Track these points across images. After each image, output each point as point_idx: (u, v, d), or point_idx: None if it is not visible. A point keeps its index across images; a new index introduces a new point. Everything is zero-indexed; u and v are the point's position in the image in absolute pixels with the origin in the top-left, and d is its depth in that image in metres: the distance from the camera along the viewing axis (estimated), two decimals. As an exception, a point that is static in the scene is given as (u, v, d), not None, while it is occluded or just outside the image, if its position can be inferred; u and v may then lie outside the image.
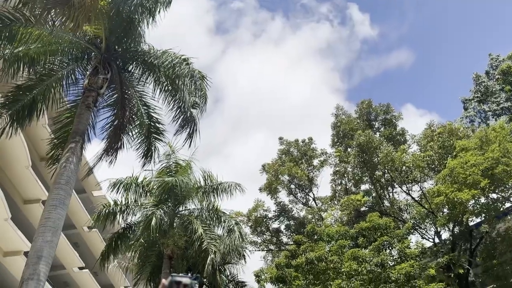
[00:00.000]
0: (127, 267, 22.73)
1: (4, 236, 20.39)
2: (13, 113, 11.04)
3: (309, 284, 15.60)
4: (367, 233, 16.65)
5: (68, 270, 26.88)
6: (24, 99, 11.06)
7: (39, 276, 7.93)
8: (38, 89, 11.20)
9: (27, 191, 22.28)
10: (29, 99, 11.14)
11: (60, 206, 8.97)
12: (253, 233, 24.90)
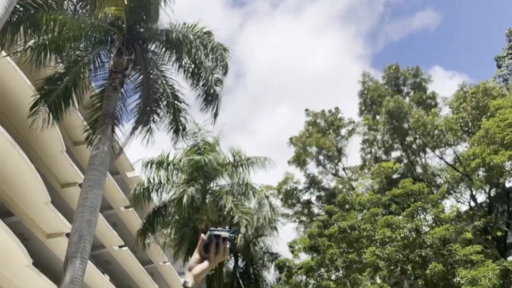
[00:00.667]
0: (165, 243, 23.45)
1: (46, 219, 21.35)
2: (50, 104, 11.34)
3: (343, 252, 15.69)
4: (400, 199, 16.48)
5: (108, 249, 27.94)
6: (57, 88, 11.31)
7: (82, 253, 8.27)
8: (68, 77, 11.42)
9: (64, 175, 23.10)
10: (62, 88, 11.38)
11: (96, 186, 9.26)
12: (284, 205, 25.10)
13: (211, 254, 1.46)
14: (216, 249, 1.47)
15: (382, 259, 14.74)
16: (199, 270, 1.45)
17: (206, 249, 1.48)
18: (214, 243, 1.47)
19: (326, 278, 16.56)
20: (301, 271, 16.58)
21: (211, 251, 1.46)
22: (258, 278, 24.08)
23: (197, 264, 1.45)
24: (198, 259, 1.47)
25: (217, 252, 1.48)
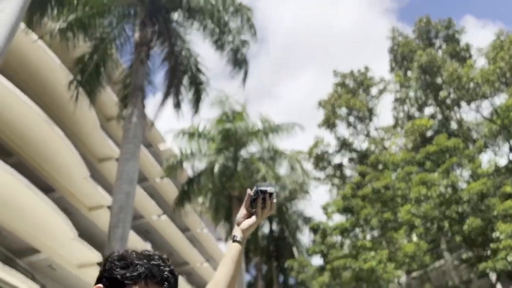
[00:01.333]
0: (201, 211, 24.11)
1: (87, 193, 22.23)
2: (83, 83, 11.57)
3: (377, 212, 15.67)
4: (435, 157, 16.15)
5: (147, 218, 28.96)
6: (88, 67, 11.50)
7: (124, 223, 8.62)
8: (96, 55, 11.56)
9: (100, 150, 23.81)
10: (92, 66, 11.56)
11: (131, 159, 9.51)
12: (316, 169, 25.09)
13: (258, 209, 1.49)
14: (263, 204, 1.50)
15: (418, 217, 14.64)
16: (247, 224, 1.49)
17: (252, 204, 1.51)
18: (260, 198, 1.49)
19: (361, 238, 16.67)
20: (335, 232, 16.72)
21: (258, 206, 1.49)
22: (292, 241, 24.56)
23: (244, 219, 1.49)
24: (245, 214, 1.50)
25: (264, 207, 1.50)
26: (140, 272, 1.16)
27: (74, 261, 22.16)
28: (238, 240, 1.48)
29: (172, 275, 1.23)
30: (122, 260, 1.19)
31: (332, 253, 15.96)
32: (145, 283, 1.15)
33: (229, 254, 1.46)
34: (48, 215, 19.34)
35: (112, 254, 1.23)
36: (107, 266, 1.21)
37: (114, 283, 1.16)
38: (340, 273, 15.86)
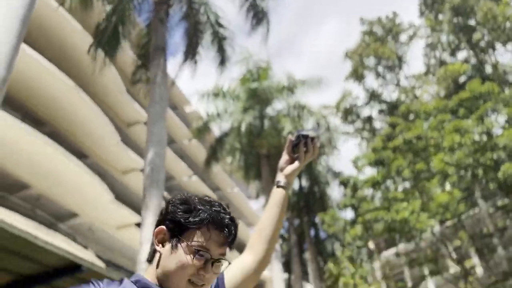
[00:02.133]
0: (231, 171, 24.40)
1: (118, 158, 22.78)
2: (104, 46, 11.51)
3: (409, 163, 15.40)
4: (469, 103, 15.54)
5: (178, 180, 29.62)
6: (108, 30, 11.40)
7: (158, 183, 8.77)
8: (115, 16, 11.42)
9: (127, 115, 24.15)
10: (111, 28, 11.45)
11: (159, 120, 9.55)
12: (344, 123, 24.73)
13: (300, 154, 1.48)
14: (306, 148, 1.48)
15: (451, 166, 14.32)
16: (290, 170, 1.48)
17: (294, 149, 1.50)
18: (302, 143, 1.48)
19: (393, 190, 16.55)
20: (366, 185, 16.63)
21: (301, 150, 1.48)
22: (322, 196, 24.68)
23: (287, 165, 1.48)
24: (288, 160, 1.50)
25: (306, 151, 1.49)
26: (203, 217, 1.18)
27: (112, 223, 23.08)
28: (282, 186, 1.49)
29: (232, 222, 1.24)
30: (184, 204, 1.22)
31: (363, 206, 15.96)
32: (207, 229, 1.18)
33: (273, 200, 1.47)
34: (84, 180, 20.01)
35: (174, 197, 1.26)
36: (170, 209, 1.23)
37: (177, 225, 1.20)
38: (371, 225, 15.91)
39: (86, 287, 1.07)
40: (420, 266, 19.04)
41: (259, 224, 1.46)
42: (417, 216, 13.65)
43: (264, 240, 1.41)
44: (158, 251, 1.22)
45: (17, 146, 16.11)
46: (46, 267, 9.20)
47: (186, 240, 1.18)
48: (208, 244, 1.18)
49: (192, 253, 1.16)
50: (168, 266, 1.18)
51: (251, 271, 1.37)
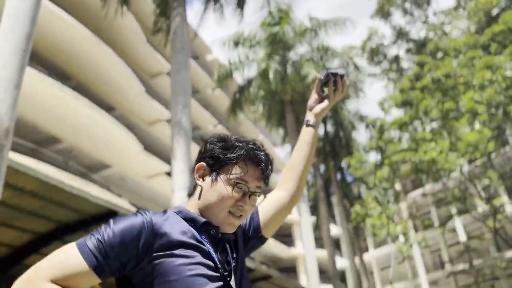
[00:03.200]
0: (255, 119, 24.46)
1: (144, 109, 23.11)
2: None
3: (438, 103, 15.03)
4: (501, 37, 14.76)
5: (203, 129, 29.99)
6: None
7: (185, 132, 8.91)
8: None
9: (150, 65, 24.17)
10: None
11: (182, 69, 9.53)
12: (370, 64, 24.02)
13: (330, 92, 1.48)
14: (335, 86, 1.48)
15: (481, 104, 13.90)
16: (319, 109, 1.50)
17: (323, 88, 1.50)
18: (331, 81, 1.47)
19: (421, 131, 16.28)
20: (393, 127, 16.39)
21: (330, 89, 1.48)
22: (348, 140, 24.57)
23: (316, 104, 1.49)
24: (317, 99, 1.51)
25: (336, 90, 1.49)
26: (240, 153, 1.25)
27: (143, 173, 23.83)
28: (312, 124, 1.51)
29: (268, 158, 1.29)
30: (222, 141, 1.28)
31: (390, 148, 15.84)
32: (245, 164, 1.25)
33: (303, 138, 1.49)
34: (112, 132, 20.50)
35: (211, 136, 1.31)
36: (208, 147, 1.29)
37: (216, 161, 1.26)
38: (398, 167, 15.87)
39: (134, 217, 1.14)
40: (448, 206, 19.11)
41: (290, 162, 1.50)
42: (445, 156, 13.49)
43: (295, 177, 1.46)
44: (199, 185, 1.29)
45: (45, 101, 16.52)
46: (84, 215, 9.69)
47: (225, 174, 1.24)
48: (245, 177, 1.24)
49: (231, 185, 1.23)
50: (209, 198, 1.25)
51: (283, 206, 1.44)
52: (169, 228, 1.15)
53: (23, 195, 8.53)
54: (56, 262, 1.04)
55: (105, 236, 1.07)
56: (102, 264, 1.05)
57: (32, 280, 1.02)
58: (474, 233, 29.25)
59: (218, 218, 1.23)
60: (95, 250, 1.05)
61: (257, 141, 1.33)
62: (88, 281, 1.06)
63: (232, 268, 1.21)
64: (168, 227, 1.15)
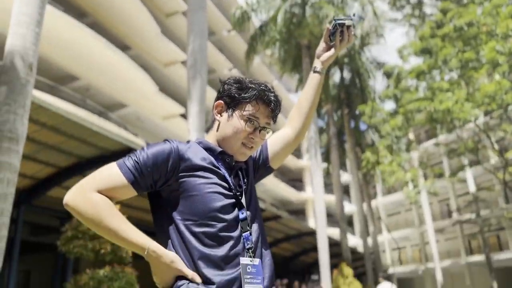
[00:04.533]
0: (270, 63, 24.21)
1: (160, 49, 23.02)
2: None
3: (458, 52, 14.66)
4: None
5: (219, 73, 29.86)
6: None
7: (201, 74, 9.01)
8: None
9: (166, 4, 23.73)
10: None
11: (199, 9, 9.44)
12: (392, 8, 23.17)
13: (336, 42, 1.58)
14: (341, 36, 1.57)
15: (503, 54, 13.54)
16: (326, 56, 1.60)
17: (331, 38, 1.58)
18: (339, 31, 1.56)
19: (439, 80, 16.03)
20: (411, 75, 16.14)
21: (337, 38, 1.57)
22: (364, 88, 24.30)
23: (324, 52, 1.60)
24: (325, 48, 1.61)
25: (342, 40, 1.59)
26: (253, 94, 1.43)
27: (159, 113, 24.19)
28: (318, 71, 1.62)
29: (277, 99, 1.46)
30: (238, 83, 1.47)
31: (406, 97, 15.71)
32: (256, 102, 1.43)
33: (310, 83, 1.62)
34: (129, 72, 20.63)
35: (229, 78, 1.49)
36: (226, 88, 1.48)
37: (232, 100, 1.45)
38: (413, 116, 15.82)
39: (164, 144, 1.35)
40: (460, 156, 19.19)
41: (298, 103, 1.66)
42: (460, 106, 13.38)
43: (302, 116, 1.62)
44: (218, 120, 1.48)
45: (63, 38, 16.57)
46: (103, 151, 10.10)
47: (240, 111, 1.43)
48: (257, 114, 1.43)
49: (245, 120, 1.42)
50: (225, 131, 1.44)
51: (289, 142, 1.62)
52: (192, 155, 1.36)
53: (46, 130, 8.90)
54: (101, 177, 1.27)
55: (140, 158, 1.29)
56: (138, 180, 1.28)
57: (84, 188, 1.27)
58: (484, 184, 29.52)
59: (233, 148, 1.43)
60: (132, 168, 1.28)
61: (269, 84, 1.49)
62: (126, 193, 1.29)
63: (243, 190, 1.42)
64: (191, 153, 1.36)
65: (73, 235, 5.75)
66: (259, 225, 1.40)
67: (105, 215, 1.24)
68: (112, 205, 1.27)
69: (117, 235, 1.25)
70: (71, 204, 1.28)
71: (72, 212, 1.31)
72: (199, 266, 1.23)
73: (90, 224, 1.28)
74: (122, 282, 5.64)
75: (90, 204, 1.24)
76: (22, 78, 5.58)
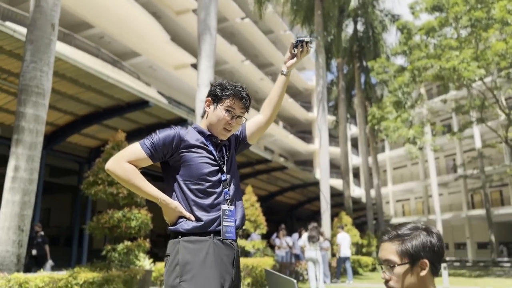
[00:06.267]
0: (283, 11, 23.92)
1: None
2: None
3: (469, 10, 14.54)
4: None
5: (231, 21, 29.64)
6: None
7: (210, 29, 9.35)
8: None
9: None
10: None
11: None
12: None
13: (298, 53, 2.12)
14: (301, 48, 2.11)
15: (515, 14, 13.45)
16: (290, 63, 2.14)
17: (294, 50, 2.13)
18: (299, 45, 2.10)
19: (449, 38, 15.97)
20: (421, 32, 16.09)
21: (298, 50, 2.11)
22: (377, 41, 24.10)
23: (289, 60, 2.14)
24: (289, 57, 2.15)
25: (302, 51, 2.12)
26: (230, 92, 2.01)
27: (170, 63, 24.50)
28: (285, 74, 2.16)
29: (248, 96, 2.06)
30: (220, 86, 2.03)
31: (415, 54, 15.77)
32: (233, 98, 2.01)
33: (278, 83, 2.18)
34: (141, 19, 20.75)
35: (214, 82, 2.06)
36: (212, 88, 2.06)
37: (216, 97, 2.04)
38: (420, 73, 15.94)
39: (170, 130, 1.93)
40: (466, 114, 19.42)
41: (269, 97, 2.21)
42: (466, 65, 13.50)
43: (271, 107, 2.17)
44: (207, 111, 2.08)
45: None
46: (119, 101, 10.71)
47: (221, 104, 2.01)
48: (233, 106, 2.01)
49: (225, 111, 2.00)
50: (211, 119, 2.03)
51: (262, 125, 2.20)
52: (189, 137, 1.97)
53: (65, 81, 9.49)
54: (129, 152, 1.89)
55: (155, 139, 1.89)
56: (153, 154, 1.89)
57: (118, 159, 1.89)
58: (490, 141, 29.82)
59: (217, 131, 2.01)
60: (150, 147, 1.88)
61: (243, 85, 2.08)
62: (145, 163, 1.90)
63: (225, 160, 2.03)
64: (188, 136, 1.97)
65: (94, 181, 6.47)
66: (235, 184, 2.03)
67: (132, 177, 1.86)
68: (137, 170, 1.90)
69: (140, 190, 1.89)
70: (111, 170, 1.88)
71: (111, 175, 1.91)
72: (193, 210, 1.88)
73: (123, 182, 1.90)
74: (138, 222, 6.42)
75: (123, 170, 1.86)
76: (46, 37, 6.09)
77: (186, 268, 1.77)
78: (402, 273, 1.39)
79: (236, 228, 1.94)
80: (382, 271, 1.46)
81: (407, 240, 1.43)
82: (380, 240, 1.50)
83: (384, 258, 1.44)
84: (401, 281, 1.40)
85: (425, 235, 1.42)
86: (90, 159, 12.15)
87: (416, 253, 1.39)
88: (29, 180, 5.77)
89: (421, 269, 1.39)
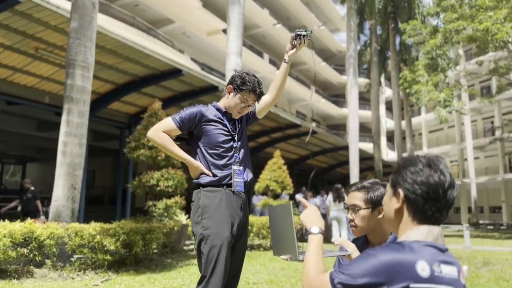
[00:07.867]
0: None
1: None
2: None
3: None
4: None
5: (263, -16, 29.31)
6: None
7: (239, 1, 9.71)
8: None
9: None
10: None
11: None
12: None
13: (297, 45, 2.62)
14: (300, 41, 2.60)
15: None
16: (291, 53, 2.64)
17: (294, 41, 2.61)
18: (298, 38, 2.59)
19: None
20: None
21: (297, 42, 2.60)
22: (412, 1, 23.38)
23: (290, 50, 2.63)
24: (290, 47, 2.64)
25: (300, 43, 2.61)
26: (248, 88, 2.54)
27: (203, 29, 24.86)
28: (286, 61, 2.66)
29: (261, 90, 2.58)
30: (241, 79, 2.55)
31: (447, 15, 15.41)
32: (249, 92, 2.54)
33: (281, 69, 2.69)
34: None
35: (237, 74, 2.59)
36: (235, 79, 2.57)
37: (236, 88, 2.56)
38: (452, 35, 15.61)
39: (194, 107, 2.50)
40: (504, 75, 18.93)
41: (274, 81, 2.71)
42: (500, 25, 13.16)
43: (276, 89, 2.69)
44: (227, 95, 2.61)
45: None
46: (154, 70, 11.37)
47: (239, 94, 2.53)
48: (248, 98, 2.56)
49: (240, 100, 2.55)
50: (229, 102, 2.59)
51: (268, 103, 2.75)
52: (208, 113, 2.55)
53: (104, 52, 10.19)
54: (164, 125, 2.51)
55: (183, 115, 2.48)
56: (182, 126, 2.50)
57: (156, 129, 2.52)
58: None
59: (232, 112, 2.58)
60: (179, 120, 2.48)
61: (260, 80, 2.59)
62: (176, 133, 2.52)
63: (237, 131, 2.59)
64: (208, 113, 2.54)
65: (136, 145, 7.23)
66: (245, 150, 2.61)
67: (167, 143, 2.49)
68: (170, 138, 2.51)
69: (172, 152, 2.51)
70: (150, 137, 2.51)
71: (151, 141, 2.55)
72: (211, 168, 2.49)
73: (160, 147, 2.52)
74: (174, 181, 7.19)
75: (159, 138, 2.49)
76: (88, 15, 6.71)
77: (205, 210, 2.39)
78: (365, 215, 1.92)
79: (244, 183, 2.52)
80: (349, 212, 2.00)
81: (371, 191, 1.95)
82: (348, 189, 2.03)
83: (351, 203, 1.97)
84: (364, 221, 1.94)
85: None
86: (130, 125, 13.02)
87: (377, 201, 1.91)
88: (79, 145, 6.57)
89: (378, 213, 1.90)
